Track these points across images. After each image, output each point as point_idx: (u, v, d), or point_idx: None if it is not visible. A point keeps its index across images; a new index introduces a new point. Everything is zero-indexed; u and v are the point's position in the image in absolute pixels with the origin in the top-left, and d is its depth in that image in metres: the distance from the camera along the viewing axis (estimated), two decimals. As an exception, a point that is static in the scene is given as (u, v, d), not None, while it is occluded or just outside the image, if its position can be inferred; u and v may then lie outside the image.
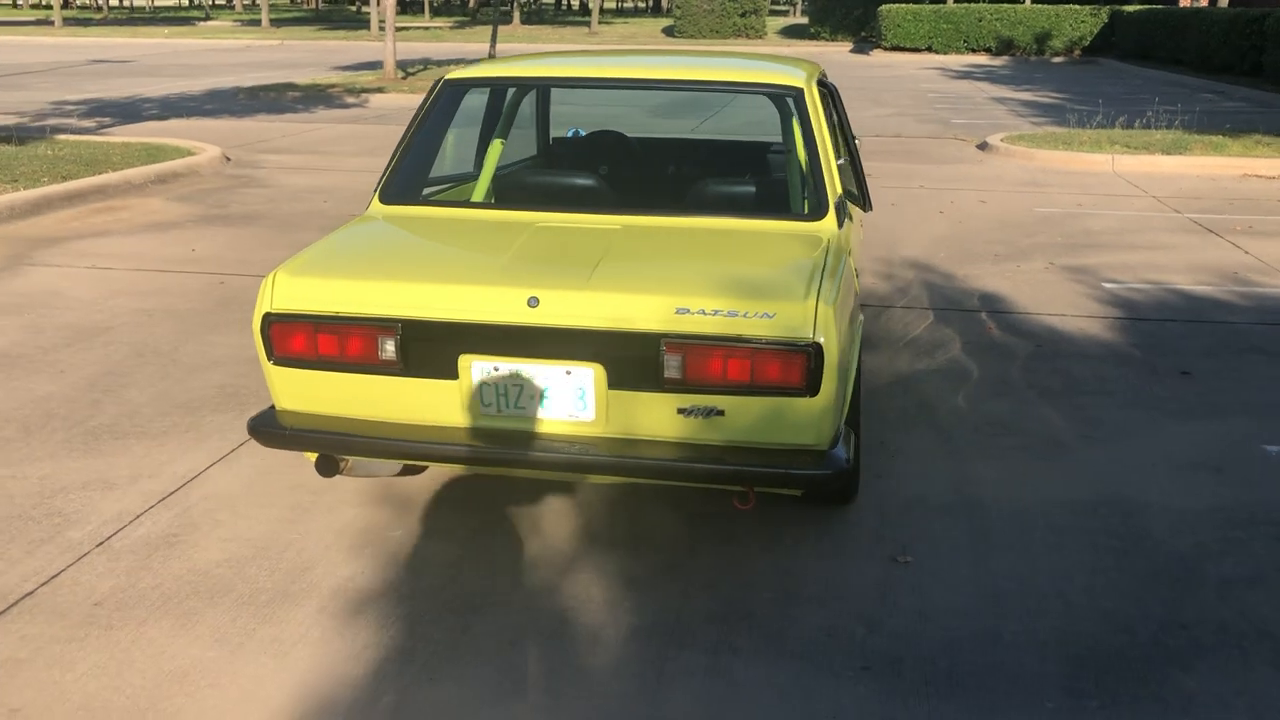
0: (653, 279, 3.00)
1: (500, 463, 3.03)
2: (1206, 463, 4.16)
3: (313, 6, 79.06)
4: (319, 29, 46.31)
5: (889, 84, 22.34)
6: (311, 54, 31.72)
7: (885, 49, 32.59)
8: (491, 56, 28.01)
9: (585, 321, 2.88)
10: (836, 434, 3.02)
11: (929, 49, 31.85)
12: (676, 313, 2.85)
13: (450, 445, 3.00)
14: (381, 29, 44.20)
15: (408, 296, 2.96)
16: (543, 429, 3.02)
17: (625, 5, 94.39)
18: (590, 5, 51.27)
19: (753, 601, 3.15)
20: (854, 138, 4.67)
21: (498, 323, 2.91)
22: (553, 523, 3.61)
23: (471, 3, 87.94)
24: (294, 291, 3.02)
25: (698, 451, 2.95)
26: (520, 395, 2.98)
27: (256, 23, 50.30)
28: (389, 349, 2.95)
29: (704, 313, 2.84)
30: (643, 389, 2.90)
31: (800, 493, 3.35)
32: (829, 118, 3.94)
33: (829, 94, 4.04)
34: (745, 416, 2.91)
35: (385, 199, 3.64)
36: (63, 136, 12.08)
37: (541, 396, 2.97)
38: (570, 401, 2.97)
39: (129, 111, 15.51)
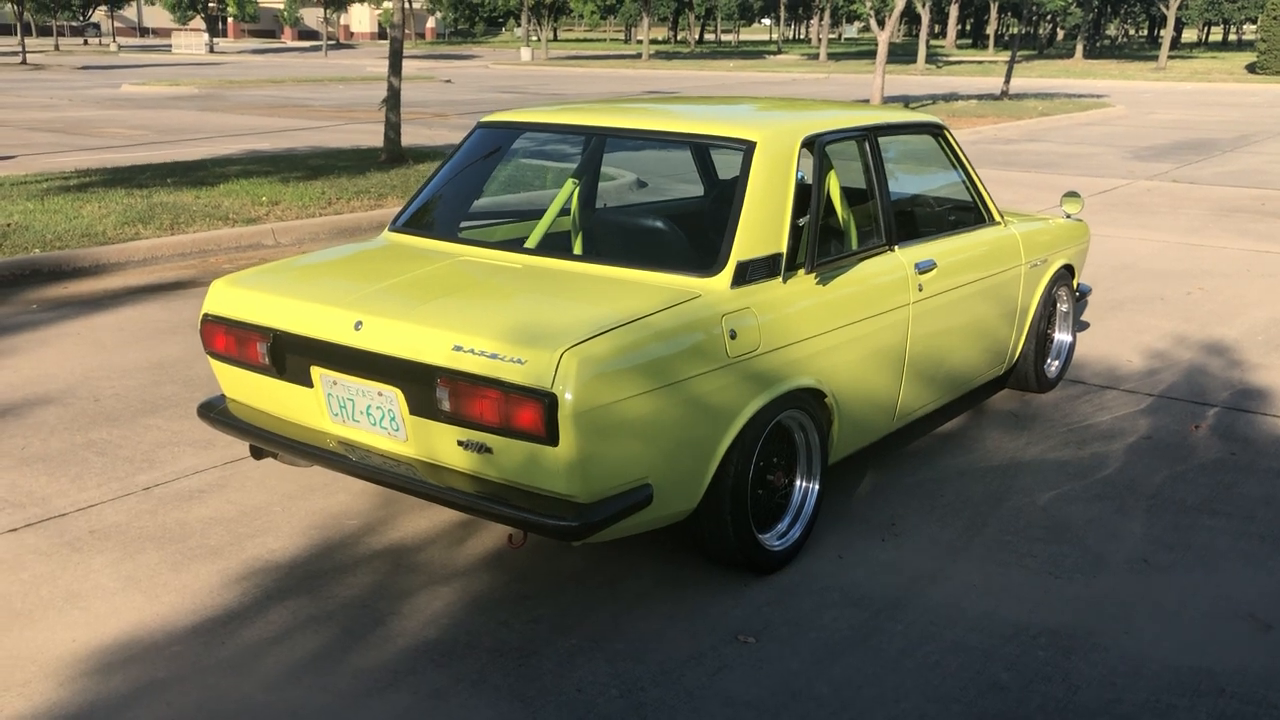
0: (457, 317, 3.15)
1: (344, 468, 3.35)
2: (1272, 620, 3.37)
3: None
4: (873, 63, 47.39)
5: None
6: (840, 88, 32.77)
7: None
8: (1003, 94, 27.10)
9: (388, 349, 3.12)
10: (612, 492, 2.98)
11: None
12: (453, 349, 3.00)
13: (310, 446, 3.39)
14: (929, 64, 44.38)
15: (278, 310, 3.39)
16: (372, 442, 3.30)
17: (1232, 39, 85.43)
18: (1161, 38, 47.34)
19: (541, 644, 3.17)
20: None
21: (330, 341, 3.25)
22: (483, 536, 3.83)
23: (1060, 35, 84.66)
24: (221, 297, 3.58)
25: (480, 485, 3.08)
26: (354, 409, 3.29)
27: (818, 56, 52.69)
28: (264, 355, 3.40)
29: (473, 352, 2.97)
30: (429, 417, 3.09)
31: (573, 543, 3.31)
32: (820, 176, 3.72)
33: (827, 151, 3.78)
34: (510, 457, 2.99)
35: (391, 228, 4.09)
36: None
37: (367, 412, 3.26)
38: (387, 420, 3.22)
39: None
